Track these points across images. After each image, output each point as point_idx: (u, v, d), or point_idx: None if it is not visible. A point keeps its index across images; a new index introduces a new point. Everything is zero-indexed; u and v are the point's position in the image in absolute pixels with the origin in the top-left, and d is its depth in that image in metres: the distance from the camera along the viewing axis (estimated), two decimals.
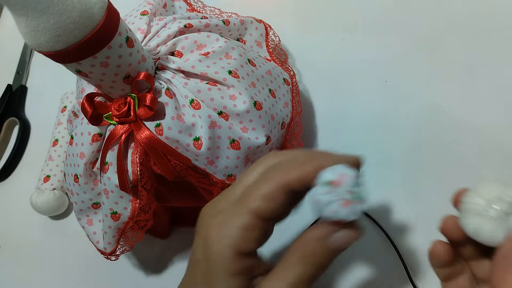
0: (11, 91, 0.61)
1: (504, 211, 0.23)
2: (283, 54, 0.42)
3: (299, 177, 0.23)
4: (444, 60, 0.44)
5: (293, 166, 0.24)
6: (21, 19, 0.23)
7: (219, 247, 0.23)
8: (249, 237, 0.23)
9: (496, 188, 0.24)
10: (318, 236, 0.23)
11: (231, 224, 0.24)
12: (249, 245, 0.23)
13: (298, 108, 0.39)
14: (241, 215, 0.23)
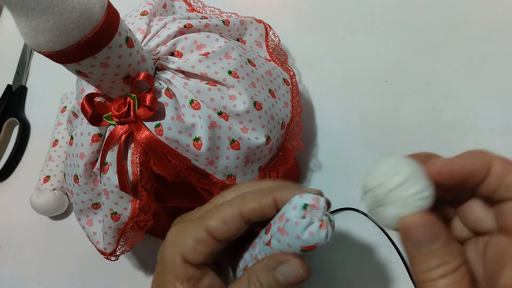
0: (11, 91, 0.61)
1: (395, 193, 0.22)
2: (283, 54, 0.42)
3: (256, 208, 0.24)
4: (444, 60, 0.44)
5: (253, 197, 0.25)
6: (21, 19, 0.23)
7: (170, 252, 0.25)
8: (198, 250, 0.25)
9: (385, 169, 0.24)
10: (267, 265, 0.24)
11: (186, 234, 0.25)
12: (196, 257, 0.25)
13: (298, 108, 0.39)
14: (196, 229, 0.25)
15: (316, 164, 0.44)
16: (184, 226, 0.26)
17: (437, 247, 0.20)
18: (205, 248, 0.25)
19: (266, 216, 0.25)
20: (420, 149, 0.41)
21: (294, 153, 0.38)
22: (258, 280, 0.24)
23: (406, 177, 0.22)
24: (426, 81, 0.43)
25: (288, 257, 0.23)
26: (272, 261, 0.24)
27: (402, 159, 0.23)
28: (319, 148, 0.44)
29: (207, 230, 0.25)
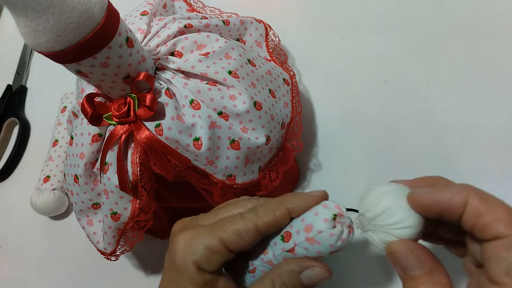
0: (11, 91, 0.61)
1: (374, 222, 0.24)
2: (283, 54, 0.42)
3: (271, 221, 0.26)
4: (444, 60, 0.44)
5: (266, 210, 0.26)
6: (21, 19, 0.23)
7: (184, 261, 0.26)
8: (211, 260, 0.26)
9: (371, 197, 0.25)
10: (293, 269, 0.26)
11: (198, 242, 0.26)
12: (210, 266, 0.26)
13: (298, 108, 0.39)
14: (210, 238, 0.26)
15: (316, 164, 0.44)
16: (194, 233, 0.27)
17: (421, 274, 0.21)
18: (219, 258, 0.26)
19: (281, 226, 0.26)
20: (420, 149, 0.41)
21: (294, 153, 0.38)
22: (283, 283, 0.25)
23: (385, 207, 0.23)
24: (426, 81, 0.43)
25: (313, 263, 0.25)
26: (297, 266, 0.25)
27: (389, 187, 0.24)
28: (319, 148, 0.44)
29: (221, 241, 0.26)
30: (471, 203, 0.21)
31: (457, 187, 0.22)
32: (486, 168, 0.39)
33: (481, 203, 0.20)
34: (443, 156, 0.40)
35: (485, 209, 0.20)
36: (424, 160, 0.41)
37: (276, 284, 0.26)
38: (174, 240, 0.28)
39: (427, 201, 0.22)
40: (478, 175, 0.39)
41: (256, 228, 0.26)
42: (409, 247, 0.22)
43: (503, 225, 0.19)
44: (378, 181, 0.41)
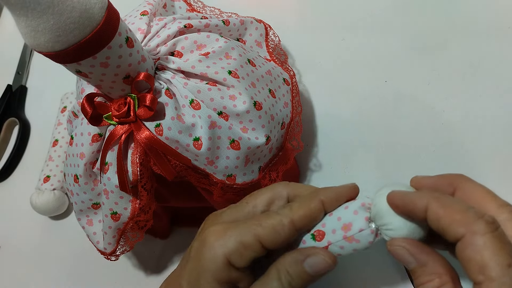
0: (11, 91, 0.61)
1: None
2: (283, 54, 0.42)
3: (306, 214, 0.25)
4: (444, 60, 0.44)
5: (300, 204, 0.26)
6: (21, 19, 0.23)
7: (213, 253, 0.25)
8: (243, 255, 0.25)
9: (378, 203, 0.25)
10: (295, 259, 0.25)
11: (231, 236, 0.25)
12: (240, 261, 0.25)
13: (298, 108, 0.39)
14: (244, 233, 0.25)
15: (316, 164, 0.44)
16: (227, 227, 0.26)
17: (416, 266, 0.22)
18: (251, 254, 0.25)
19: (316, 221, 0.26)
20: (420, 149, 0.41)
21: (294, 153, 0.38)
22: (288, 273, 0.25)
23: (377, 209, 0.24)
24: (426, 81, 0.43)
25: (315, 250, 0.25)
26: (300, 255, 0.25)
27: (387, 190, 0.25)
28: (319, 148, 0.44)
29: (256, 236, 0.25)
30: (430, 208, 0.22)
31: (421, 192, 0.23)
32: (486, 168, 0.39)
33: (439, 207, 0.21)
34: (443, 156, 0.40)
35: (442, 213, 0.21)
36: (424, 160, 0.41)
37: (281, 274, 0.25)
38: (204, 231, 0.27)
39: (399, 203, 0.23)
40: (478, 175, 0.39)
41: (292, 223, 0.25)
42: (400, 243, 0.23)
43: (459, 226, 0.20)
44: (377, 181, 0.41)
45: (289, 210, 0.26)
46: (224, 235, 0.25)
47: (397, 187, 0.25)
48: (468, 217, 0.20)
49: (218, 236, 0.26)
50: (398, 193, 0.24)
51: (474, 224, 0.20)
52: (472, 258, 0.19)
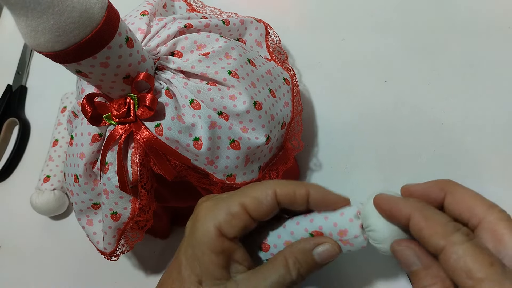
0: (11, 91, 0.61)
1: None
2: (283, 53, 0.42)
3: (290, 193, 0.27)
4: (444, 60, 0.44)
5: (288, 183, 0.28)
6: (21, 19, 0.23)
7: (205, 226, 0.27)
8: (233, 224, 0.27)
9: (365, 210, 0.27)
10: (305, 247, 0.27)
11: (219, 208, 0.27)
12: (231, 231, 0.27)
13: (299, 108, 0.39)
14: (232, 204, 0.27)
15: (316, 164, 0.44)
16: (216, 202, 0.28)
17: (420, 269, 0.23)
18: (240, 223, 0.27)
19: (295, 206, 0.27)
20: (420, 149, 0.41)
21: (295, 152, 0.38)
22: (297, 260, 0.27)
23: (364, 212, 0.26)
24: (426, 81, 0.43)
25: (324, 239, 0.27)
26: (308, 244, 0.27)
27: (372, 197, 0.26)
28: (319, 148, 0.44)
29: (242, 206, 0.27)
30: (413, 218, 0.23)
31: (406, 201, 0.24)
32: (486, 168, 0.39)
33: (421, 218, 0.22)
34: (443, 156, 0.40)
35: (424, 224, 0.22)
36: (424, 160, 0.41)
37: (289, 261, 0.27)
38: (197, 208, 0.29)
39: (385, 206, 0.25)
40: (478, 175, 0.39)
41: (275, 194, 0.27)
42: (405, 244, 0.24)
43: (440, 238, 0.21)
44: (377, 180, 0.41)
45: (274, 182, 0.28)
46: (214, 209, 0.28)
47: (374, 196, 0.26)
48: (447, 230, 0.22)
49: (209, 210, 0.28)
50: (384, 196, 0.25)
51: (453, 236, 0.21)
52: (457, 266, 0.20)
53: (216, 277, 0.27)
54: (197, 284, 0.27)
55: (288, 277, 0.26)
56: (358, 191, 0.41)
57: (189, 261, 0.28)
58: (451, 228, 0.22)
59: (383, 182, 0.41)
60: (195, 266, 0.27)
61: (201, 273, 0.27)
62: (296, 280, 0.27)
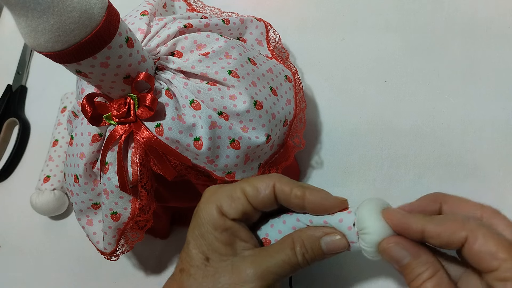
0: (11, 91, 0.61)
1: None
2: (284, 51, 0.42)
3: (286, 191, 0.28)
4: (444, 60, 0.44)
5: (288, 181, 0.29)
6: (21, 20, 0.23)
7: (208, 206, 0.29)
8: (232, 206, 0.28)
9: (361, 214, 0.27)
10: (314, 234, 0.28)
11: (222, 192, 0.29)
12: (231, 212, 0.28)
13: (302, 105, 0.39)
14: (234, 189, 0.29)
15: (316, 163, 0.44)
16: (220, 186, 0.30)
17: (411, 260, 0.25)
18: (239, 206, 0.28)
19: (290, 205, 0.29)
20: (419, 149, 0.41)
21: (296, 150, 0.38)
22: (304, 244, 0.28)
23: (358, 218, 0.27)
24: (426, 81, 0.43)
25: (334, 230, 0.28)
26: (318, 232, 0.28)
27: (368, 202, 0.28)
28: (319, 147, 0.44)
29: (243, 191, 0.29)
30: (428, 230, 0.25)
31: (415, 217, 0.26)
32: (486, 168, 0.39)
33: (436, 226, 0.25)
34: (443, 156, 0.40)
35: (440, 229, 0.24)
36: (424, 160, 0.41)
37: (296, 245, 0.28)
38: (203, 194, 0.31)
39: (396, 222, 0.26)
40: (478, 175, 0.39)
41: (274, 188, 0.28)
42: (394, 241, 0.26)
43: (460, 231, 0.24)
44: (377, 180, 0.41)
45: (277, 176, 0.29)
46: (217, 192, 0.30)
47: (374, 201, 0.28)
48: (462, 223, 0.24)
49: (212, 193, 0.30)
50: (395, 212, 0.27)
51: (469, 224, 0.24)
52: (483, 250, 0.23)
53: (222, 253, 0.28)
54: (205, 261, 0.28)
55: (293, 259, 0.27)
56: (358, 191, 0.41)
57: (196, 240, 0.29)
58: (463, 220, 0.24)
59: (382, 181, 0.41)
60: (202, 244, 0.29)
61: (207, 250, 0.28)
62: (301, 264, 0.28)
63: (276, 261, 0.27)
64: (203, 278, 0.28)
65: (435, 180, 0.40)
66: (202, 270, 0.28)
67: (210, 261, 0.28)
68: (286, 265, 0.27)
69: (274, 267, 0.27)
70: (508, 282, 0.22)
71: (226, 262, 0.28)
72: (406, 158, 0.41)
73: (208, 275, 0.28)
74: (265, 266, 0.27)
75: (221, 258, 0.28)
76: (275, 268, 0.27)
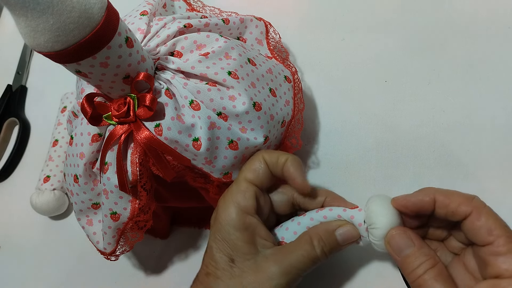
0: (11, 91, 0.61)
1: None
2: (284, 51, 0.42)
3: (272, 158, 0.32)
4: (444, 60, 0.44)
5: (273, 152, 0.33)
6: (21, 20, 0.23)
7: (226, 210, 0.31)
8: (246, 196, 0.31)
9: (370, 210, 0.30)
10: (328, 228, 0.30)
11: (232, 192, 0.31)
12: (248, 202, 0.31)
13: (300, 106, 0.39)
14: (238, 184, 0.32)
15: (316, 163, 0.44)
16: (227, 190, 0.32)
17: (414, 250, 0.27)
18: (251, 193, 0.31)
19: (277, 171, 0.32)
20: (420, 149, 0.41)
21: (292, 151, 0.38)
22: (321, 239, 0.30)
23: (367, 214, 0.29)
24: (426, 81, 0.43)
25: (344, 222, 0.30)
26: (330, 226, 0.31)
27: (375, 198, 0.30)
28: (319, 147, 0.44)
29: (246, 180, 0.31)
30: (438, 200, 0.28)
31: (424, 190, 0.29)
32: (486, 168, 0.39)
33: (445, 198, 0.27)
34: (443, 156, 0.40)
35: (449, 201, 0.27)
36: (424, 160, 0.41)
37: (314, 241, 0.30)
38: (217, 204, 0.33)
39: (406, 204, 0.28)
40: (478, 175, 0.39)
41: (264, 160, 0.32)
42: (402, 230, 0.28)
43: (465, 206, 0.27)
44: (377, 180, 0.41)
45: (262, 151, 0.33)
46: (228, 195, 0.32)
47: (382, 198, 0.30)
48: (467, 199, 0.27)
49: (225, 198, 0.32)
50: (400, 197, 0.29)
51: (474, 201, 0.27)
52: (482, 225, 0.26)
53: (245, 253, 0.30)
54: (230, 263, 0.30)
55: (313, 253, 0.30)
56: (357, 191, 0.41)
57: (219, 245, 0.31)
58: (468, 196, 0.27)
59: (382, 181, 0.41)
60: (225, 247, 0.30)
61: (231, 251, 0.30)
62: (320, 257, 0.30)
63: (297, 256, 0.29)
64: (230, 279, 0.30)
65: (435, 180, 0.40)
66: (229, 271, 0.30)
67: (235, 261, 0.30)
68: (307, 260, 0.29)
69: (296, 262, 0.29)
70: (500, 256, 0.25)
71: (250, 262, 0.30)
72: (406, 158, 0.41)
73: (235, 276, 0.30)
74: (288, 262, 0.29)
75: (245, 257, 0.30)
76: (296, 263, 0.29)
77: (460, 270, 0.29)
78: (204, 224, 0.45)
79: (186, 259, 0.44)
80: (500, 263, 0.25)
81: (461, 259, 0.30)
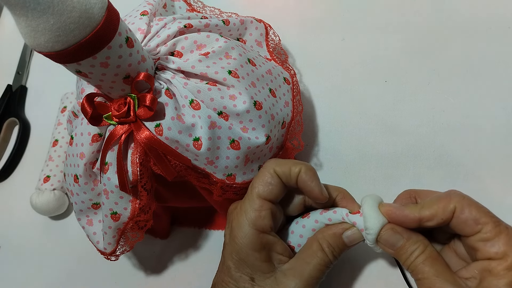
0: (11, 91, 0.61)
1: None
2: (283, 53, 0.42)
3: (285, 171, 0.31)
4: (444, 60, 0.44)
5: (284, 162, 0.32)
6: (21, 19, 0.23)
7: (242, 230, 0.31)
8: (262, 216, 0.31)
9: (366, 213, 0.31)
10: (335, 232, 0.31)
11: (246, 209, 0.31)
12: (264, 222, 0.30)
13: (299, 107, 0.39)
14: (251, 201, 0.31)
15: (316, 164, 0.44)
16: (241, 205, 0.32)
17: (404, 241, 0.29)
18: (267, 211, 0.31)
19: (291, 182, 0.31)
20: (420, 149, 0.41)
21: (295, 152, 0.38)
22: (329, 243, 0.31)
23: (363, 217, 0.30)
24: (426, 81, 0.43)
25: (348, 225, 0.31)
26: (338, 229, 0.31)
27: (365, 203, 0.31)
28: (319, 147, 0.44)
29: (259, 196, 0.31)
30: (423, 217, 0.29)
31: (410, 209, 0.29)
32: (486, 168, 0.39)
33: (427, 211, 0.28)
34: (443, 156, 0.40)
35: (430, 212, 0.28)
36: (424, 160, 0.41)
37: (323, 245, 0.31)
38: (229, 217, 0.33)
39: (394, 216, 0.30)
40: (478, 175, 0.39)
41: (275, 172, 0.31)
42: (389, 227, 0.30)
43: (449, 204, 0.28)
44: (377, 180, 0.41)
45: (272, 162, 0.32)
46: (243, 212, 0.31)
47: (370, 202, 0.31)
48: (448, 197, 0.28)
49: (239, 215, 0.31)
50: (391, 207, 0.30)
51: (454, 196, 0.28)
52: (468, 217, 0.27)
53: (264, 271, 0.31)
54: (251, 281, 0.31)
55: (326, 259, 0.31)
56: (358, 191, 0.41)
57: (237, 265, 0.31)
58: (448, 194, 0.29)
59: (382, 181, 0.41)
60: (244, 267, 0.31)
61: (251, 271, 0.31)
62: (333, 261, 0.31)
63: (314, 266, 0.31)
64: None
65: (435, 180, 0.40)
66: None
67: (255, 280, 0.31)
68: (322, 267, 0.31)
69: (314, 272, 0.31)
70: (488, 241, 0.27)
71: (270, 279, 0.31)
72: (406, 158, 0.41)
73: None
74: (308, 274, 0.30)
75: (265, 276, 0.31)
76: (314, 272, 0.31)
77: (452, 257, 0.30)
78: (204, 224, 0.45)
79: (186, 259, 0.44)
80: (488, 247, 0.26)
81: (451, 246, 0.31)
